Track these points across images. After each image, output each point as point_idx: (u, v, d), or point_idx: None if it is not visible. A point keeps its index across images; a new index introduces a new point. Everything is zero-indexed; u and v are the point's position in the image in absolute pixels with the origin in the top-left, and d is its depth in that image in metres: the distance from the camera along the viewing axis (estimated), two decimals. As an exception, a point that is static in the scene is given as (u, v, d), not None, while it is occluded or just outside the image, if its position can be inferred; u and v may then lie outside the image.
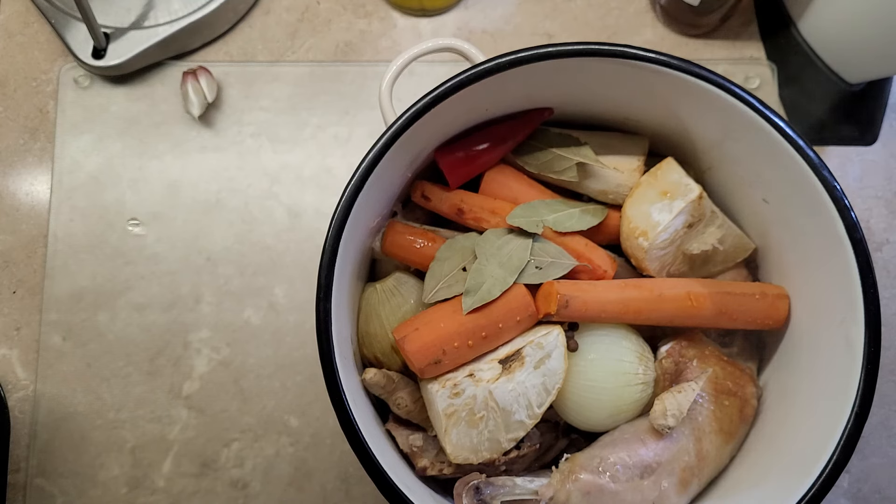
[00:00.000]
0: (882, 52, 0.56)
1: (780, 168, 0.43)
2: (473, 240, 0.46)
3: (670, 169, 0.48)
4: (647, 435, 0.44)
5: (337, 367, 0.40)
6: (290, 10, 0.64)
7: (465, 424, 0.42)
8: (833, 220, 0.41)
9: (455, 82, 0.42)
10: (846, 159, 0.63)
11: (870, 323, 0.40)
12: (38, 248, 0.59)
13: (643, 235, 0.46)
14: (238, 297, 0.59)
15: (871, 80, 0.61)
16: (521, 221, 0.45)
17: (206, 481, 0.56)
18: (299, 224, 0.60)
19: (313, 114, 0.62)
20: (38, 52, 0.63)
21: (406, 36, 0.64)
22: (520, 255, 0.44)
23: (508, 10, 0.65)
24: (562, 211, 0.47)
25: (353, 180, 0.41)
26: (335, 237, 0.41)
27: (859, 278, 0.40)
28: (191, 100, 0.60)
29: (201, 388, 0.57)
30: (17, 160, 0.61)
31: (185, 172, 0.61)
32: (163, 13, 0.61)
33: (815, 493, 0.39)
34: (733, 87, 0.42)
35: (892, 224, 0.62)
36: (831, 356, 0.42)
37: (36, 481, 0.56)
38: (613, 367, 0.44)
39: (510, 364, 0.43)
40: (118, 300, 0.58)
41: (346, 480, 0.56)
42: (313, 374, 0.58)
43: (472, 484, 0.43)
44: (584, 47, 0.42)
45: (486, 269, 0.44)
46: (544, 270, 0.44)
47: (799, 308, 0.46)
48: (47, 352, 0.58)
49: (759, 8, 0.65)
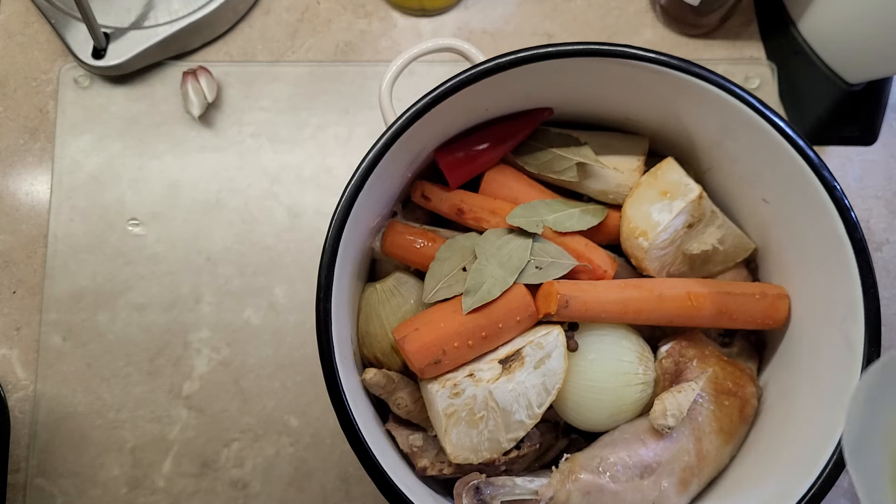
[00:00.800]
0: (882, 52, 0.56)
1: (780, 168, 0.43)
2: (473, 240, 0.46)
3: (670, 169, 0.48)
4: (647, 435, 0.44)
5: (337, 367, 0.40)
6: (290, 10, 0.64)
7: (465, 424, 0.42)
8: (833, 220, 0.41)
9: (455, 82, 0.42)
10: (846, 159, 0.63)
11: (870, 323, 0.40)
12: (38, 248, 0.59)
13: (643, 235, 0.46)
14: (238, 297, 0.59)
15: (871, 80, 0.61)
16: (521, 221, 0.45)
17: (206, 481, 0.56)
18: (299, 224, 0.60)
19: (313, 114, 0.62)
20: (38, 52, 0.63)
21: (406, 36, 0.64)
22: (520, 255, 0.44)
23: (508, 10, 0.65)
24: (562, 211, 0.47)
25: (353, 180, 0.41)
26: (335, 237, 0.41)
27: (859, 278, 0.40)
28: (191, 100, 0.60)
29: (201, 388, 0.57)
30: (17, 160, 0.61)
31: (185, 172, 0.61)
32: (163, 13, 0.61)
33: (815, 493, 0.39)
34: (733, 87, 0.42)
35: (892, 224, 0.62)
36: (831, 356, 0.42)
37: (36, 481, 0.56)
38: (613, 366, 0.44)
39: (510, 364, 0.43)
40: (118, 300, 0.58)
41: (346, 480, 0.56)
42: (313, 374, 0.58)
43: (472, 484, 0.43)
44: (584, 47, 0.42)
45: (486, 269, 0.44)
46: (544, 270, 0.44)
47: (799, 308, 0.46)
48: (47, 352, 0.58)
49: (759, 8, 0.65)
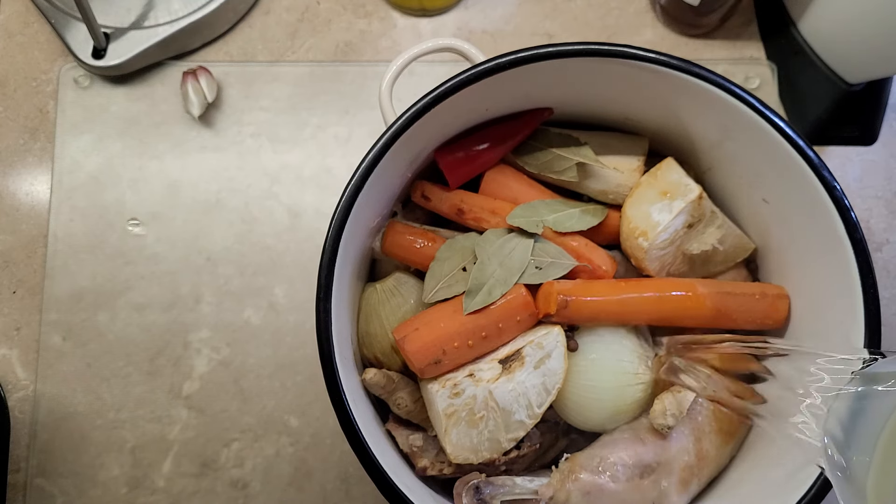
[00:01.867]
0: (882, 52, 0.56)
1: (780, 168, 0.43)
2: (473, 240, 0.46)
3: (670, 169, 0.48)
4: (647, 435, 0.44)
5: (337, 367, 0.40)
6: (290, 10, 0.64)
7: (465, 424, 0.42)
8: (833, 220, 0.41)
9: (455, 82, 0.42)
10: (846, 159, 0.63)
11: (870, 323, 0.40)
12: (38, 248, 0.59)
13: (643, 235, 0.46)
14: (238, 297, 0.59)
15: (871, 80, 0.61)
16: (522, 221, 0.45)
17: (206, 481, 0.56)
18: (299, 224, 0.60)
19: (313, 114, 0.62)
20: (38, 52, 0.63)
21: (406, 36, 0.64)
22: (521, 255, 0.44)
23: (508, 10, 0.65)
24: (562, 211, 0.47)
25: (353, 180, 0.41)
26: (335, 237, 0.41)
27: (859, 278, 0.40)
28: (191, 100, 0.60)
29: (201, 388, 0.57)
30: (17, 160, 0.61)
31: (185, 172, 0.61)
32: (163, 13, 0.61)
33: (815, 492, 0.39)
34: (733, 87, 0.42)
35: (892, 224, 0.62)
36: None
37: (36, 481, 0.56)
38: (613, 366, 0.44)
39: (510, 364, 0.43)
40: (118, 300, 0.58)
41: (346, 480, 0.56)
42: (313, 374, 0.58)
43: (472, 484, 0.43)
44: (584, 47, 0.42)
45: (487, 269, 0.44)
46: (544, 270, 0.44)
47: (799, 308, 0.46)
48: (47, 352, 0.58)
49: (759, 8, 0.65)
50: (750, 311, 0.46)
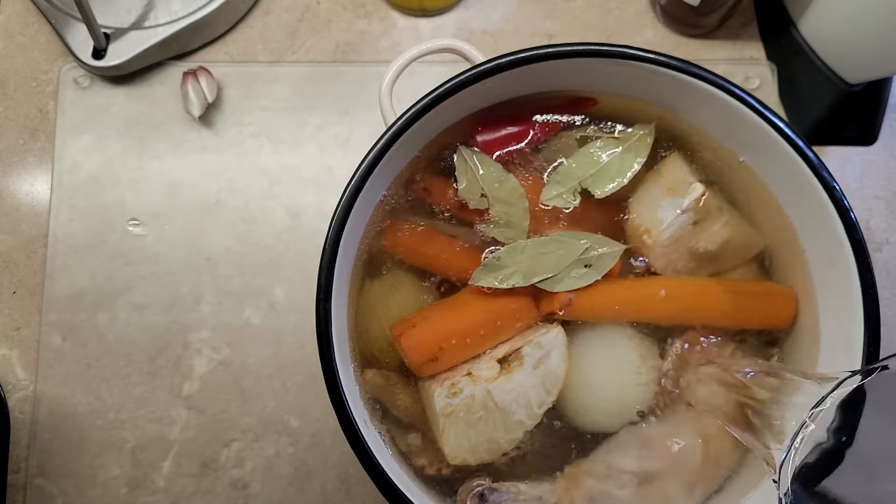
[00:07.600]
0: (882, 52, 0.56)
1: (780, 168, 0.43)
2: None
3: (675, 166, 0.47)
4: (652, 440, 0.43)
5: (337, 367, 0.40)
6: (290, 10, 0.64)
7: (463, 424, 0.42)
8: (833, 220, 0.41)
9: (455, 83, 0.42)
10: (846, 159, 0.63)
11: (870, 323, 0.40)
12: (38, 248, 0.59)
13: (647, 233, 0.46)
14: (238, 298, 0.59)
15: (871, 80, 0.61)
16: (557, 194, 0.44)
17: (206, 481, 0.56)
18: (299, 224, 0.60)
19: (313, 114, 0.62)
20: (38, 52, 0.63)
21: (406, 36, 0.64)
22: (555, 261, 0.43)
23: (508, 10, 0.65)
24: (597, 166, 0.45)
25: (353, 181, 0.41)
26: (335, 237, 0.41)
27: (859, 278, 0.40)
28: (191, 100, 0.60)
29: (201, 388, 0.57)
30: (17, 160, 0.61)
31: (185, 172, 0.61)
32: (163, 13, 0.61)
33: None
34: (733, 88, 0.42)
35: (892, 224, 0.62)
36: (831, 356, 0.42)
37: (36, 481, 0.56)
38: (616, 366, 0.44)
39: (509, 363, 0.43)
40: (118, 300, 0.59)
41: (346, 480, 0.56)
42: (313, 374, 0.58)
43: (477, 490, 0.42)
44: (584, 47, 0.42)
45: (517, 256, 0.43)
46: (595, 266, 0.43)
47: (799, 308, 0.46)
48: (47, 352, 0.58)
49: (759, 8, 0.65)
50: (756, 310, 0.45)
